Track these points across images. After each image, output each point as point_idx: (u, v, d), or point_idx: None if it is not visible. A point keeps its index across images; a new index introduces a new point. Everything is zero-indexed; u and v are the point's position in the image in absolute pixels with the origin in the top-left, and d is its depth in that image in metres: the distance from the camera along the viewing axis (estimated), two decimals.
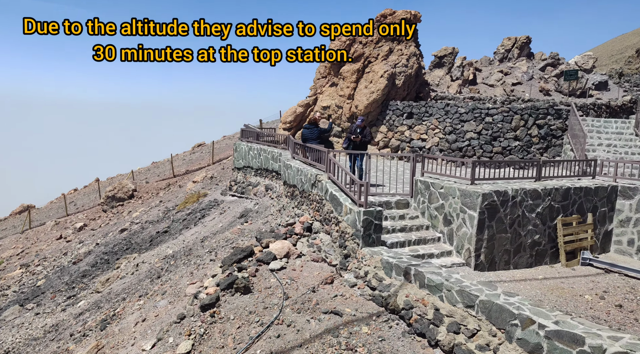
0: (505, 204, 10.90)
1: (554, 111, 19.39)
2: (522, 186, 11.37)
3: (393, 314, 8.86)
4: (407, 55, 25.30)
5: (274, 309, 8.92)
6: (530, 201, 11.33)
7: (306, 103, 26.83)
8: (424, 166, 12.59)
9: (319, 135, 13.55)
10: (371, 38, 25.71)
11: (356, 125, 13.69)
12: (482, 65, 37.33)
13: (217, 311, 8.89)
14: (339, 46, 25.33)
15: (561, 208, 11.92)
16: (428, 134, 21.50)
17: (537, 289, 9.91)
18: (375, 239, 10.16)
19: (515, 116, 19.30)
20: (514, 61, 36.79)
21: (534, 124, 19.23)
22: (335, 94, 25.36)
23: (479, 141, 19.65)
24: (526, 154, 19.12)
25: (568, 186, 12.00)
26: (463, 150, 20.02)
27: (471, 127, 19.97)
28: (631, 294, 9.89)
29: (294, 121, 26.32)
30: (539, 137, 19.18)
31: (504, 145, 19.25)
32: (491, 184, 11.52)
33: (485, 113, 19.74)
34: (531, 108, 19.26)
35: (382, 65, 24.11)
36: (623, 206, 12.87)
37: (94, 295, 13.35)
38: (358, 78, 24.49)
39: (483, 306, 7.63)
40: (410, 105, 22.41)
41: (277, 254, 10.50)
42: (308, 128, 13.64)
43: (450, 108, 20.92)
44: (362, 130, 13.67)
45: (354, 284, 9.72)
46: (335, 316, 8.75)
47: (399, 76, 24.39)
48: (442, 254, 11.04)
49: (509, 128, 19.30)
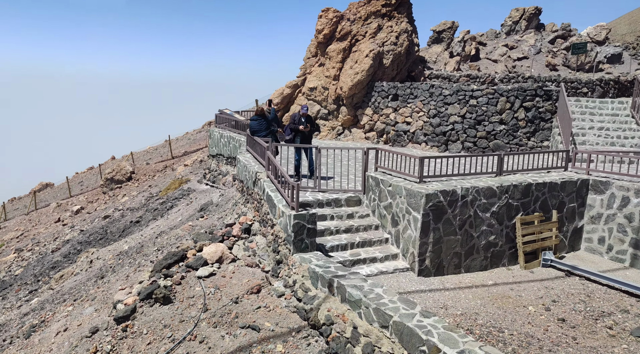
0: (453, 204, 10.15)
1: (543, 92, 18.25)
2: (475, 184, 10.58)
3: (314, 330, 8.33)
4: (397, 32, 24.15)
5: (190, 322, 8.49)
6: (483, 200, 10.55)
7: (294, 83, 26.03)
8: (378, 159, 11.84)
9: (267, 126, 12.85)
10: (359, 14, 24.59)
11: (300, 113, 12.85)
12: (487, 39, 35.73)
13: (131, 325, 8.49)
14: (325, 24, 24.32)
15: (521, 206, 11.10)
16: (412, 117, 20.59)
17: (479, 298, 9.25)
18: (308, 244, 9.58)
19: (500, 98, 18.23)
20: (521, 34, 35.08)
21: (520, 106, 18.15)
22: (321, 75, 24.49)
23: (463, 125, 18.68)
24: (512, 139, 18.11)
25: (529, 182, 11.14)
26: (447, 135, 19.10)
27: (455, 110, 18.98)
28: (583, 303, 9.14)
29: (281, 103, 25.60)
30: (526, 120, 18.12)
31: (489, 130, 18.26)
32: (443, 182, 10.75)
33: (470, 95, 18.71)
34: (518, 89, 18.15)
35: (368, 44, 23.08)
36: (594, 201, 11.96)
37: (47, 293, 13.17)
38: (344, 58, 23.54)
39: (396, 327, 7.04)
40: (395, 87, 21.44)
41: (209, 259, 10.02)
42: (255, 120, 12.93)
43: (434, 90, 19.92)
44: (307, 120, 12.86)
45: (281, 293, 9.21)
46: (252, 331, 8.27)
47: (387, 55, 23.33)
48: (387, 258, 10.42)
49: (494, 111, 18.26)
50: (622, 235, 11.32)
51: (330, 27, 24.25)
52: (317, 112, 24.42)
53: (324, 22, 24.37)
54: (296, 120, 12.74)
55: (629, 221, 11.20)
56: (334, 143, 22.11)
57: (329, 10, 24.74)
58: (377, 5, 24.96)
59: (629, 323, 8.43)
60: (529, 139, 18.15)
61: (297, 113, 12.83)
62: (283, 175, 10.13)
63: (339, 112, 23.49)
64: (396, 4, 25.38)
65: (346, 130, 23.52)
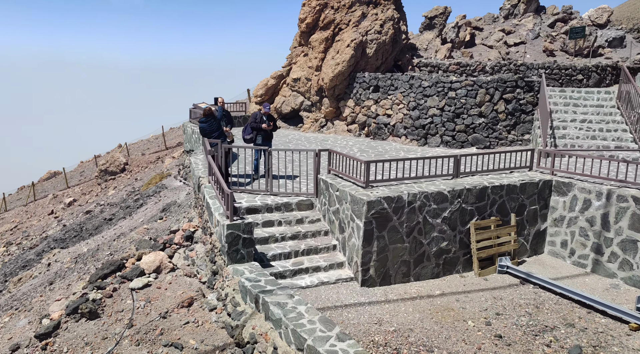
0: (399, 211, 9.71)
1: (524, 83, 17.56)
2: (425, 189, 10.11)
3: (238, 349, 8.03)
4: (382, 20, 23.45)
5: (112, 340, 8.23)
6: (433, 205, 10.09)
7: (279, 74, 25.51)
8: (331, 161, 11.41)
9: (218, 126, 12.32)
10: (344, 2, 23.90)
11: (262, 112, 12.42)
12: (484, 24, 34.69)
13: (52, 342, 8.27)
14: (308, 12, 23.69)
15: (476, 210, 10.62)
16: (393, 109, 20.01)
17: (419, 311, 8.85)
18: (245, 255, 9.24)
19: (480, 90, 17.58)
20: (519, 17, 33.99)
21: (500, 99, 17.49)
22: (305, 65, 23.94)
23: (442, 118, 18.08)
24: (491, 132, 17.50)
25: (484, 186, 10.64)
26: (426, 128, 18.53)
27: (434, 102, 18.38)
28: (528, 316, 8.71)
29: (265, 94, 25.14)
30: (506, 112, 17.47)
31: (468, 123, 17.65)
32: (392, 186, 10.30)
33: (449, 87, 18.07)
34: (497, 81, 17.47)
35: (350, 33, 22.43)
36: (557, 203, 11.42)
37: (4, 297, 13.05)
38: (326, 48, 22.94)
39: (309, 351, 6.72)
40: (376, 78, 20.84)
41: (147, 268, 9.75)
42: (205, 122, 12.36)
43: (414, 81, 19.30)
44: (269, 118, 12.45)
45: (213, 307, 8.92)
46: (175, 350, 8.00)
47: (371, 44, 22.67)
48: (332, 266, 10.05)
49: (473, 103, 17.63)
50: (584, 238, 10.80)
51: (314, 15, 23.62)
52: (300, 104, 23.94)
53: (306, 11, 23.74)
54: (257, 118, 12.32)
55: (590, 225, 10.67)
56: (314, 136, 21.65)
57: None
58: None
59: (570, 339, 7.99)
60: (510, 132, 17.53)
61: (259, 112, 12.41)
62: (219, 181, 9.76)
63: (321, 103, 22.98)
64: None
65: (329, 122, 23.03)
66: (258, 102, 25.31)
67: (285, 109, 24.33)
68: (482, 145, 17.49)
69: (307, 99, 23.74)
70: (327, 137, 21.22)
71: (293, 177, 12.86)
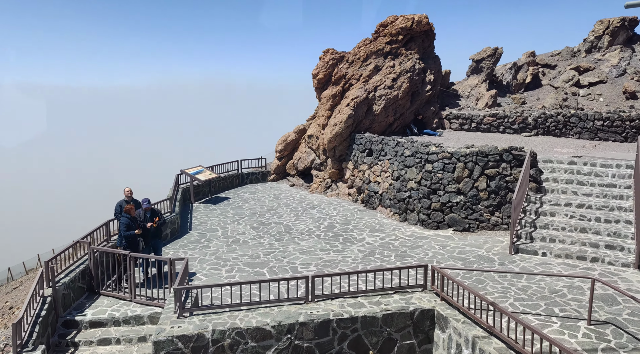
0: (201, 352, 8.44)
1: (512, 157, 14.79)
2: (236, 324, 8.65)
3: None
4: (397, 73, 21.67)
5: None
6: (252, 343, 8.62)
7: (302, 128, 24.80)
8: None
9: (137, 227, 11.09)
10: (359, 55, 22.58)
11: (143, 208, 11.46)
12: (561, 59, 30.52)
13: None
14: (321, 67, 22.73)
15: (316, 347, 8.87)
16: (381, 177, 18.16)
17: None
18: None
19: (458, 164, 15.15)
20: (604, 51, 29.31)
21: (482, 174, 14.89)
22: (316, 122, 22.94)
23: (419, 193, 15.91)
24: (471, 213, 14.94)
25: (326, 319, 8.85)
26: (405, 202, 16.45)
27: (413, 174, 16.26)
28: None
29: (285, 150, 24.54)
30: (489, 190, 14.81)
31: (444, 201, 15.28)
32: (220, 314, 9.02)
33: (425, 159, 15.87)
34: (477, 154, 14.91)
35: (355, 90, 21.00)
36: (439, 339, 9.12)
37: None
38: (334, 105, 21.71)
39: None
40: (370, 141, 19.13)
41: None
42: (127, 217, 11.09)
43: (399, 148, 17.32)
44: (152, 214, 11.60)
45: None
46: None
47: (379, 101, 20.98)
48: None
49: (451, 178, 15.24)
50: None
51: (326, 70, 22.60)
52: (311, 162, 22.94)
53: (319, 66, 22.80)
54: (141, 217, 11.45)
55: None
56: (316, 198, 20.41)
57: (327, 52, 23.11)
58: (381, 43, 22.73)
59: None
60: (493, 214, 14.79)
61: (141, 210, 11.60)
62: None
63: (327, 163, 21.76)
64: (404, 39, 22.85)
65: (334, 183, 21.67)
66: (278, 157, 24.77)
67: (300, 166, 23.51)
68: (460, 227, 14.99)
69: (317, 157, 22.69)
70: (322, 201, 19.91)
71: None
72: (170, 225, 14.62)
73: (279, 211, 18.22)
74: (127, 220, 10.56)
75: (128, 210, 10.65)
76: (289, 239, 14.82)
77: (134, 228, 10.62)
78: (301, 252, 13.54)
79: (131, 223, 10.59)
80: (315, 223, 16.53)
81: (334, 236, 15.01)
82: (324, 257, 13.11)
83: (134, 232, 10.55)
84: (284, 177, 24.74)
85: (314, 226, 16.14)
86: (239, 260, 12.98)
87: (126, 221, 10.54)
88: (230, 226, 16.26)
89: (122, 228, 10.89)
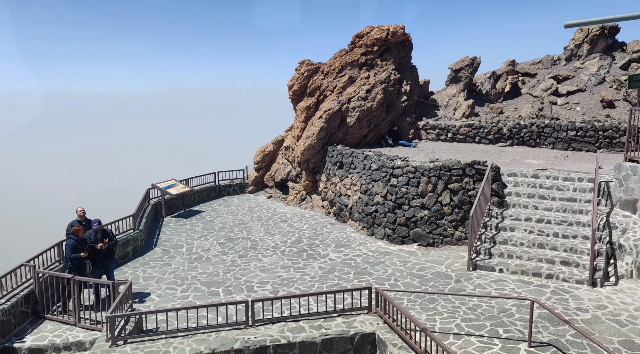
0: None
1: (474, 171, 14.80)
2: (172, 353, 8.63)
3: None
4: (371, 85, 21.70)
5: None
6: None
7: (280, 139, 24.83)
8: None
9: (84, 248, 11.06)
10: (334, 66, 22.62)
11: (94, 229, 11.27)
12: (541, 67, 30.56)
13: None
14: (296, 79, 22.76)
15: None
16: (351, 190, 18.16)
17: None
18: None
19: (422, 178, 15.16)
20: (583, 59, 29.36)
21: (445, 189, 14.90)
22: (291, 135, 22.96)
23: (384, 207, 15.91)
24: (435, 227, 14.93)
25: (264, 345, 8.80)
26: (372, 216, 16.44)
27: (379, 188, 16.26)
28: None
29: (262, 161, 24.54)
30: (452, 205, 14.81)
31: (409, 215, 15.27)
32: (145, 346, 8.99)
33: (391, 173, 15.87)
34: (440, 169, 14.92)
35: (328, 102, 21.02)
36: None
37: None
38: (308, 117, 21.73)
39: None
40: (341, 153, 19.14)
41: None
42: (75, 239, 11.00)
43: (367, 161, 17.33)
44: (104, 234, 11.42)
45: None
46: None
47: (352, 112, 21.01)
48: None
49: (415, 193, 15.24)
50: None
51: (302, 82, 22.64)
52: (287, 174, 22.95)
53: (294, 77, 22.84)
54: (91, 238, 11.33)
55: None
56: (290, 211, 20.39)
57: (303, 63, 23.15)
58: (356, 54, 22.78)
59: None
60: (456, 229, 14.78)
61: (91, 230, 11.47)
62: None
63: (301, 175, 21.76)
64: (380, 50, 22.90)
65: (308, 195, 21.67)
66: (256, 168, 24.77)
67: (277, 178, 23.51)
68: (425, 242, 14.97)
69: (293, 169, 22.70)
70: (296, 214, 19.89)
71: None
72: (132, 243, 14.58)
73: (250, 226, 18.20)
74: (73, 241, 10.53)
75: (75, 232, 10.61)
76: (252, 255, 14.80)
77: (81, 250, 10.58)
78: (262, 270, 13.52)
79: (78, 245, 10.56)
80: (283, 238, 16.51)
81: (298, 252, 14.99)
82: (283, 275, 13.09)
83: (79, 255, 10.49)
84: (262, 189, 24.73)
85: (280, 242, 16.12)
86: (197, 278, 12.97)
87: (72, 243, 10.51)
88: (197, 241, 16.24)
89: (67, 251, 10.71)
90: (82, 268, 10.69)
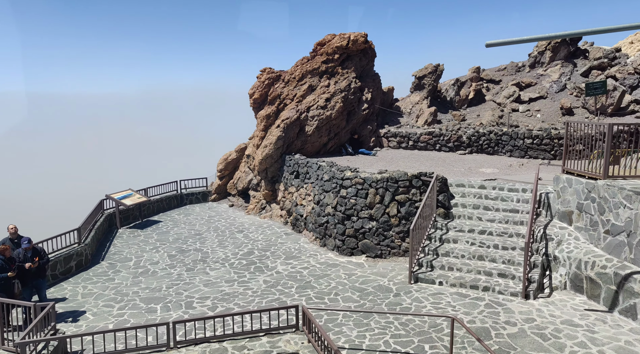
0: None
1: (421, 183, 14.90)
2: None
3: None
4: (331, 93, 21.76)
5: None
6: None
7: (243, 147, 24.77)
8: None
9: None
10: (295, 74, 22.64)
11: (23, 248, 11.13)
12: (506, 74, 30.92)
13: None
14: (257, 87, 22.74)
15: None
16: (306, 200, 18.19)
17: None
18: None
19: (370, 190, 15.23)
20: (545, 66, 29.75)
21: (392, 200, 14.98)
22: (252, 143, 22.94)
23: (335, 218, 15.95)
24: (383, 239, 15.01)
25: None
26: (324, 227, 16.48)
27: (330, 199, 16.31)
28: None
29: (225, 169, 24.48)
30: (399, 217, 14.90)
31: (357, 226, 15.33)
32: None
33: (340, 184, 15.93)
34: (387, 180, 15.00)
35: (287, 111, 21.03)
36: None
37: None
38: (269, 125, 21.72)
39: None
40: (297, 163, 19.17)
41: None
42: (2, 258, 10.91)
43: (320, 171, 17.38)
44: (35, 253, 11.24)
45: None
46: None
47: (311, 121, 21.05)
48: None
49: (364, 204, 15.30)
50: None
51: (262, 90, 22.61)
52: (249, 182, 22.91)
53: (255, 86, 22.81)
54: (20, 257, 11.14)
55: None
56: (248, 220, 20.35)
57: (264, 71, 23.14)
58: (317, 62, 22.82)
59: None
60: (404, 240, 14.87)
61: (21, 249, 11.26)
62: None
63: (261, 184, 21.75)
64: (341, 58, 22.97)
65: (268, 204, 21.66)
66: (219, 176, 24.70)
67: (240, 186, 23.47)
68: (373, 254, 15.05)
69: (254, 177, 22.67)
70: (254, 223, 19.86)
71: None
72: (76, 257, 14.43)
73: (205, 236, 18.14)
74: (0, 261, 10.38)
75: (2, 251, 10.44)
76: (200, 269, 14.74)
77: (7, 270, 10.43)
78: (206, 284, 13.47)
79: (4, 265, 10.41)
80: (235, 250, 16.47)
81: (247, 265, 14.96)
82: (226, 289, 13.05)
83: (6, 275, 10.34)
84: (225, 197, 24.67)
85: (231, 254, 16.08)
86: (138, 294, 12.87)
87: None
88: (147, 254, 16.13)
89: None
90: (10, 288, 10.55)
